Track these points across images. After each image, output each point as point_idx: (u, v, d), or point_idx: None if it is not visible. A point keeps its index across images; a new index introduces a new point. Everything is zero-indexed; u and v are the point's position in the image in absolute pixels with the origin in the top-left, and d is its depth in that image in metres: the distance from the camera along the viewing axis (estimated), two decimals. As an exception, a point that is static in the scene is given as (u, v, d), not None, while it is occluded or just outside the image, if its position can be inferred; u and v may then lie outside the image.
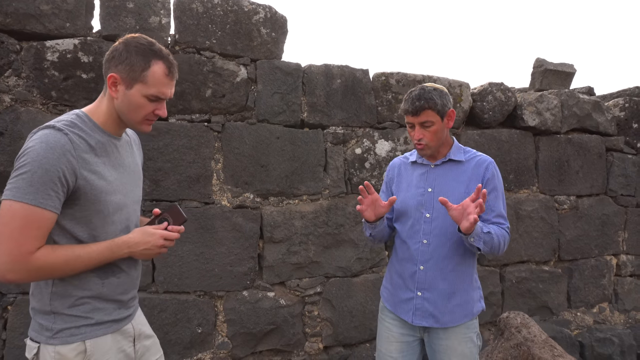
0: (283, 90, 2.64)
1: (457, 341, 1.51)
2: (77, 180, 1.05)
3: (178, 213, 1.24)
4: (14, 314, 2.19)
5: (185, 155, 2.46)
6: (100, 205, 1.10)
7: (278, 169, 2.64)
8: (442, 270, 1.51)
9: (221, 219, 2.52)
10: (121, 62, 1.11)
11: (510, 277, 3.16)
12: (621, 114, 3.56)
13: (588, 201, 3.40)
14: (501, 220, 1.52)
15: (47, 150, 1.01)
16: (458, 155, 1.58)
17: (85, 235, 1.10)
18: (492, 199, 1.52)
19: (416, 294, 1.53)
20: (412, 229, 1.57)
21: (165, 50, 1.15)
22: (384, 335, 1.63)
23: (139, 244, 1.16)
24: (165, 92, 1.15)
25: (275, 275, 2.64)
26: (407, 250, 1.57)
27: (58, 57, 2.24)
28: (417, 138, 1.52)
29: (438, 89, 1.53)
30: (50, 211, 1.02)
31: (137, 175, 1.29)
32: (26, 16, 2.19)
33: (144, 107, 1.14)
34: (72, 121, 1.10)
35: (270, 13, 2.64)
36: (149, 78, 1.12)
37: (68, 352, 1.08)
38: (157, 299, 2.42)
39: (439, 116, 1.50)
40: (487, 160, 1.56)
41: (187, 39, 2.47)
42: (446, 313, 1.51)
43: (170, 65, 1.15)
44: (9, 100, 2.20)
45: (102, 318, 1.14)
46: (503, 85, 3.14)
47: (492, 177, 1.53)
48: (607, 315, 3.46)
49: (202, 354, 2.51)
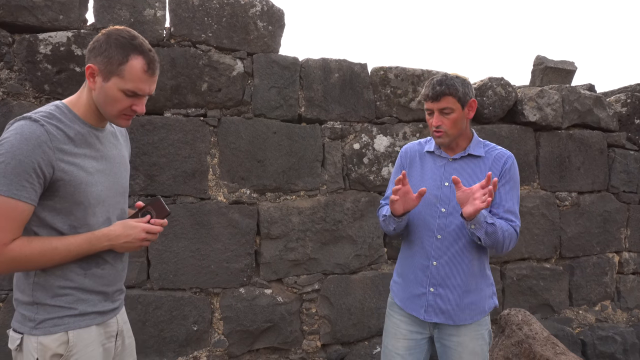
0: (280, 85, 2.61)
1: (468, 338, 1.47)
2: (54, 172, 1.04)
3: (161, 206, 1.22)
4: (5, 311, 2.16)
5: (181, 150, 2.43)
6: (80, 196, 1.09)
7: (275, 164, 2.60)
8: (456, 266, 1.47)
9: (217, 215, 2.48)
10: (100, 54, 1.09)
11: (511, 274, 3.12)
12: (623, 110, 3.52)
13: (590, 198, 3.36)
14: (511, 217, 1.45)
15: (22, 141, 0.99)
16: (478, 150, 1.52)
17: (65, 227, 1.09)
18: (504, 192, 1.46)
19: (428, 290, 1.49)
20: (425, 223, 1.51)
21: (146, 45, 1.12)
22: (392, 331, 1.58)
23: (120, 236, 1.14)
24: (142, 88, 1.11)
25: (273, 272, 2.61)
26: (419, 245, 1.52)
27: (51, 50, 2.21)
28: (436, 125, 1.46)
29: (461, 77, 1.48)
30: (25, 202, 1.01)
31: (123, 167, 1.27)
32: (19, 8, 2.16)
33: (120, 101, 1.11)
34: (50, 112, 1.08)
35: (267, 6, 2.60)
36: (126, 72, 1.09)
37: (51, 343, 1.07)
38: (152, 295, 2.38)
39: (460, 104, 1.44)
40: (506, 154, 1.50)
41: (182, 32, 2.44)
42: (459, 310, 1.47)
43: (150, 61, 1.11)
44: (0, 93, 2.16)
45: (86, 309, 1.12)
46: (503, 80, 3.10)
47: (509, 171, 1.48)
48: (609, 314, 3.42)
49: (198, 352, 2.47)
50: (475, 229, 1.36)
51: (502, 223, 1.41)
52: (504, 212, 1.45)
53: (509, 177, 1.47)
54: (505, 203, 1.45)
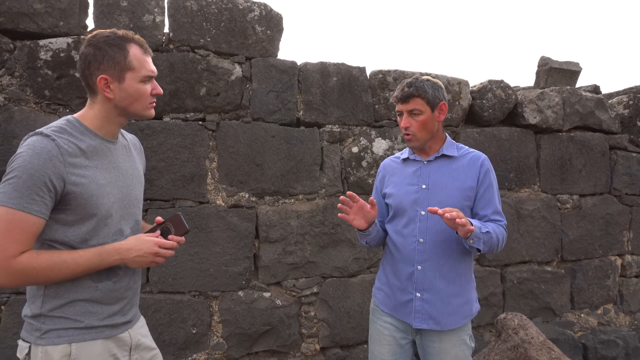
0: (278, 89, 2.62)
1: (450, 344, 1.47)
2: (65, 185, 1.05)
3: (180, 223, 1.22)
4: (7, 314, 2.18)
5: (180, 154, 2.44)
6: (91, 208, 1.09)
7: (273, 168, 2.61)
8: (441, 269, 1.47)
9: (216, 219, 2.50)
10: (101, 62, 1.11)
11: (511, 277, 3.10)
12: (625, 112, 3.50)
13: (591, 200, 3.33)
14: (498, 217, 1.50)
15: (33, 156, 1.02)
16: (451, 150, 1.55)
17: (77, 240, 1.09)
18: (489, 195, 1.50)
19: (415, 295, 1.49)
20: (406, 227, 1.52)
21: (130, 33, 1.17)
22: (376, 337, 1.59)
23: (131, 250, 1.13)
24: (151, 69, 1.17)
25: (271, 276, 2.62)
26: (402, 250, 1.53)
27: (51, 56, 2.24)
28: (404, 126, 1.49)
29: (432, 80, 1.51)
30: (36, 216, 1.02)
31: (136, 179, 1.27)
32: (19, 15, 2.19)
33: (143, 92, 1.16)
34: (61, 127, 1.10)
35: (266, 11, 2.62)
36: (134, 62, 1.13)
37: (54, 354, 1.07)
38: (152, 299, 2.40)
39: (429, 106, 1.47)
40: (481, 156, 1.53)
41: (181, 37, 2.46)
42: (447, 315, 1.46)
43: (141, 43, 1.17)
44: (2, 99, 2.19)
45: (92, 323, 1.12)
46: (503, 82, 3.09)
47: (488, 173, 1.51)
48: (611, 317, 3.39)
49: (196, 355, 2.48)
50: (474, 242, 1.37)
51: (493, 227, 1.43)
52: (492, 213, 1.48)
53: (490, 181, 1.50)
54: (492, 204, 1.49)
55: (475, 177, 1.49)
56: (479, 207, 1.50)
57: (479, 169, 1.50)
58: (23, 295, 2.21)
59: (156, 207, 2.41)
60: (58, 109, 2.28)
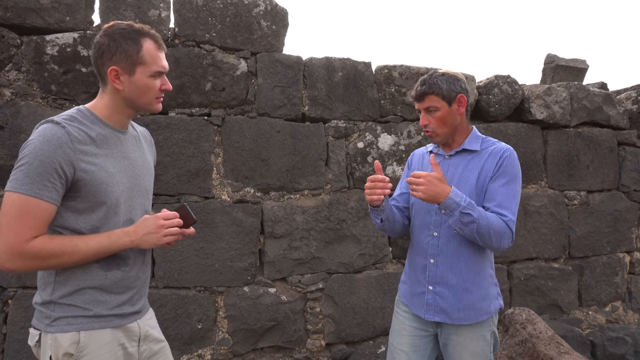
0: (284, 84, 2.61)
1: (468, 338, 1.45)
2: (75, 172, 1.06)
3: (187, 214, 1.23)
4: (15, 308, 2.19)
5: (185, 149, 2.44)
6: (101, 196, 1.11)
7: (279, 163, 2.61)
8: (453, 264, 1.46)
9: (221, 214, 2.50)
10: (114, 53, 1.12)
11: (518, 274, 3.08)
12: (634, 107, 3.46)
13: (599, 197, 3.30)
14: (503, 212, 1.38)
15: (44, 142, 1.03)
16: (474, 144, 1.49)
17: (87, 228, 1.11)
18: (497, 187, 1.40)
19: (427, 288, 1.48)
20: (423, 221, 1.52)
21: (146, 27, 1.17)
22: (397, 328, 1.58)
23: (137, 230, 1.14)
24: (163, 65, 1.18)
25: (277, 271, 2.61)
26: (418, 243, 1.54)
27: (58, 51, 2.24)
28: (422, 124, 1.48)
29: (447, 73, 1.47)
30: (47, 202, 1.03)
31: (146, 170, 1.28)
32: (26, 10, 2.20)
33: (152, 87, 1.16)
34: (72, 115, 1.12)
35: (271, 6, 2.61)
36: (146, 57, 1.14)
37: (63, 341, 1.08)
38: (157, 294, 2.40)
39: (445, 101, 1.44)
40: (504, 148, 1.45)
41: (186, 32, 2.46)
42: (459, 310, 1.45)
43: (156, 38, 1.17)
44: (9, 94, 2.20)
45: (101, 311, 1.12)
46: (510, 77, 3.07)
47: (503, 165, 1.41)
48: (620, 315, 3.36)
49: (202, 350, 2.48)
50: (447, 214, 1.35)
51: (489, 215, 1.35)
52: (495, 206, 1.39)
53: (503, 171, 1.41)
54: (497, 197, 1.40)
55: (492, 170, 1.42)
56: (485, 198, 1.43)
57: (496, 161, 1.42)
58: (30, 290, 2.21)
59: (162, 202, 2.41)
60: (64, 103, 2.28)
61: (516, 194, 1.42)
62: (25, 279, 2.20)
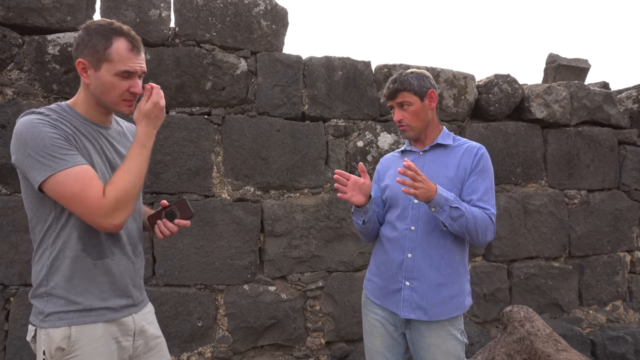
0: (283, 83, 2.63)
1: (440, 339, 1.44)
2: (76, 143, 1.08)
3: (186, 207, 1.23)
4: (16, 306, 2.21)
5: (185, 148, 2.46)
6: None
7: (279, 162, 2.62)
8: (431, 258, 1.45)
9: (221, 212, 2.51)
10: (85, 47, 1.12)
11: (518, 273, 3.08)
12: (634, 106, 3.46)
13: (600, 196, 3.30)
14: (484, 205, 1.43)
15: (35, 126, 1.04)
16: (446, 139, 1.54)
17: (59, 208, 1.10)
18: (476, 180, 1.45)
19: (404, 284, 1.47)
20: (400, 216, 1.52)
21: (125, 27, 1.15)
22: (368, 329, 1.57)
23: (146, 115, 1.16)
24: (133, 66, 1.13)
25: (277, 269, 2.62)
26: (394, 239, 1.52)
27: (59, 51, 2.26)
28: (397, 119, 1.50)
29: (416, 72, 1.52)
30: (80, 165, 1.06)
31: None
32: (28, 10, 2.22)
33: (117, 86, 1.13)
34: (52, 108, 1.12)
35: (271, 5, 2.62)
36: (113, 55, 1.11)
37: (55, 336, 1.08)
38: (158, 291, 2.42)
39: (417, 97, 1.48)
40: (478, 145, 1.52)
41: (187, 31, 2.47)
42: (435, 305, 1.44)
43: (133, 40, 1.14)
44: (11, 93, 2.22)
45: (92, 304, 1.11)
46: (509, 76, 3.07)
47: (481, 163, 1.47)
48: (620, 314, 3.35)
49: (202, 348, 2.50)
50: (437, 212, 1.35)
51: (474, 209, 1.38)
52: (477, 199, 1.43)
53: (481, 168, 1.46)
54: (477, 192, 1.44)
55: (469, 166, 1.47)
56: (465, 192, 1.46)
57: (473, 158, 1.47)
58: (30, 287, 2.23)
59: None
60: (66, 103, 2.30)
61: (493, 189, 1.49)
62: (27, 277, 2.22)
